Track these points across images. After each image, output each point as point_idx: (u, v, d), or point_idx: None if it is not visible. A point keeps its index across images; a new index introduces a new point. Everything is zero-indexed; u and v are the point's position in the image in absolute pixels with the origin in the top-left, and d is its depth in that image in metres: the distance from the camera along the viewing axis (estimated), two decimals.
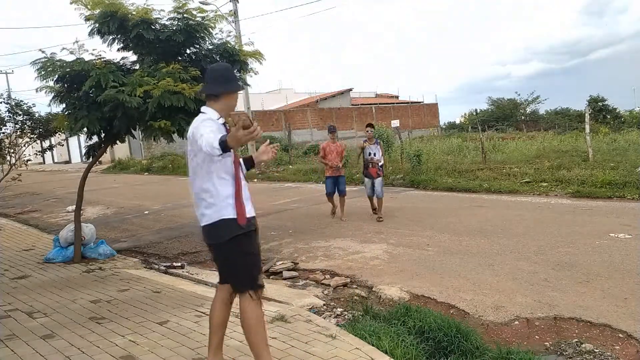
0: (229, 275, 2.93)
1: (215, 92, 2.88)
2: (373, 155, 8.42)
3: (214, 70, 2.99)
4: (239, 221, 2.80)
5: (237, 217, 2.80)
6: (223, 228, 2.81)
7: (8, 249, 7.54)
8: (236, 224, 2.80)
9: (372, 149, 8.45)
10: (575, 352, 3.59)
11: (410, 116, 40.14)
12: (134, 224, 9.87)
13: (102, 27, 5.97)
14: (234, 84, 2.95)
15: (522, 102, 43.24)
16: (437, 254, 6.08)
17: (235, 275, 2.89)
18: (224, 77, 2.91)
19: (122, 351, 3.50)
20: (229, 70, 3.02)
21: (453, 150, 18.56)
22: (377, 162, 8.39)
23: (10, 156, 7.68)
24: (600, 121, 29.75)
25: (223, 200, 2.81)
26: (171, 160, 23.02)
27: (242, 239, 2.83)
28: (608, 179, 9.91)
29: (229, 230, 2.80)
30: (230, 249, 2.83)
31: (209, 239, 2.91)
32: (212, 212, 2.82)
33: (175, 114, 5.76)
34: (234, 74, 3.04)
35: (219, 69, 3.01)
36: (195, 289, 5.20)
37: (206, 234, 2.92)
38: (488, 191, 10.78)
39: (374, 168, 8.38)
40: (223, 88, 2.88)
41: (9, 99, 7.63)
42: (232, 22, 19.15)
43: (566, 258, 5.55)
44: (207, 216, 2.85)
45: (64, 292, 5.10)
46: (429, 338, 3.68)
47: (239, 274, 2.88)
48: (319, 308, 4.54)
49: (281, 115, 32.99)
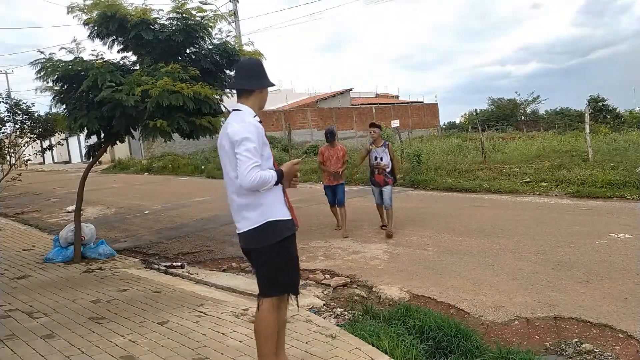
0: (267, 279, 2.77)
1: (249, 88, 2.78)
2: (380, 160, 7.31)
3: (248, 64, 2.88)
4: (287, 224, 2.74)
5: (285, 219, 2.73)
6: (270, 231, 2.68)
7: (8, 249, 7.54)
8: (284, 225, 2.72)
9: (379, 153, 7.33)
10: (575, 352, 3.58)
11: (410, 116, 40.13)
12: (134, 224, 9.87)
13: (101, 29, 5.97)
14: (268, 79, 2.85)
15: (522, 102, 43.20)
16: (437, 254, 6.08)
17: (275, 279, 2.75)
18: (259, 72, 2.81)
19: (122, 351, 3.49)
20: (262, 65, 2.90)
21: (453, 150, 18.55)
22: (384, 168, 7.28)
23: (10, 156, 7.67)
24: (600, 121, 29.73)
25: (271, 202, 2.69)
26: (171, 160, 23.02)
27: (288, 242, 2.74)
28: (608, 179, 9.90)
29: (277, 233, 2.70)
30: (277, 252, 2.71)
31: (254, 243, 2.74)
32: (257, 215, 2.68)
33: (174, 113, 5.76)
34: (265, 70, 2.92)
35: (253, 63, 2.90)
36: (195, 289, 5.21)
37: (249, 238, 2.74)
38: (488, 191, 10.77)
39: (381, 175, 7.29)
40: (258, 83, 2.79)
41: (8, 98, 7.62)
42: (232, 22, 19.17)
43: (566, 258, 5.55)
44: (251, 219, 2.69)
45: (64, 292, 5.10)
46: (429, 338, 3.68)
47: (281, 278, 2.76)
48: (319, 308, 4.55)
49: (281, 115, 32.99)
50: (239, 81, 2.84)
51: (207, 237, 8.15)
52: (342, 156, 7.59)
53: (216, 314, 4.26)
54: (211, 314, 4.27)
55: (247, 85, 2.79)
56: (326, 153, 7.64)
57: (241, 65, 2.93)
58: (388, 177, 7.31)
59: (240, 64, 2.98)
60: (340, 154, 7.58)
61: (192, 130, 6.14)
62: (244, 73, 2.82)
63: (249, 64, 2.89)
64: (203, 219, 9.79)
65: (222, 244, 7.57)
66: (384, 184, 7.30)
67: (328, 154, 7.61)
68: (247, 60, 3.03)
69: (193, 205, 11.80)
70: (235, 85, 2.88)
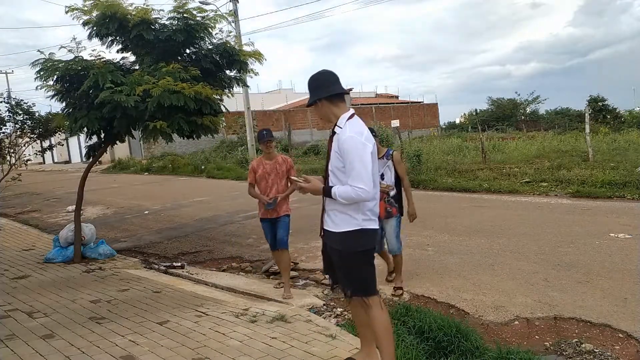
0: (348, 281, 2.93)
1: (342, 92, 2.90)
2: (380, 180, 4.32)
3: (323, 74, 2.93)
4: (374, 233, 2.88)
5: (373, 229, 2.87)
6: (363, 238, 2.83)
7: (8, 249, 7.55)
8: (373, 235, 2.87)
9: (379, 167, 4.51)
10: (575, 352, 3.58)
11: (410, 116, 40.16)
12: (134, 224, 9.87)
13: (100, 29, 5.97)
14: None
15: (522, 102, 43.23)
16: (437, 254, 6.08)
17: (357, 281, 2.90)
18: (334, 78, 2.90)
19: (122, 351, 3.50)
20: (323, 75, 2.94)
21: (453, 150, 18.56)
22: (385, 191, 4.61)
23: (10, 156, 7.68)
24: (600, 121, 29.70)
25: (363, 210, 2.82)
26: (171, 160, 23.01)
27: (371, 251, 2.91)
28: (608, 179, 9.91)
29: (367, 241, 2.85)
30: (360, 259, 2.85)
31: (341, 245, 2.86)
32: (351, 219, 2.81)
33: (174, 113, 5.75)
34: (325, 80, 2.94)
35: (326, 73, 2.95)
36: (195, 289, 5.21)
37: (340, 239, 2.85)
38: (488, 191, 10.77)
39: (381, 201, 4.29)
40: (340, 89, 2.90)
41: (9, 98, 7.64)
42: (232, 22, 19.17)
43: (566, 258, 5.55)
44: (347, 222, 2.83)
45: (64, 292, 5.10)
46: (429, 338, 3.68)
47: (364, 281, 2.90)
48: (319, 308, 4.55)
49: (281, 115, 33.00)
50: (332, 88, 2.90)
51: (207, 237, 8.15)
52: (287, 171, 4.97)
53: (216, 314, 4.26)
54: (211, 314, 4.27)
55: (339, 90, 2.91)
56: (260, 169, 4.97)
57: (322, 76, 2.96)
58: (392, 204, 4.78)
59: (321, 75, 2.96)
60: (282, 168, 4.96)
61: (193, 130, 6.14)
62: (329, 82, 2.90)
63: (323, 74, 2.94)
64: (203, 219, 9.79)
65: (222, 244, 7.57)
66: (385, 215, 4.73)
67: (263, 171, 4.96)
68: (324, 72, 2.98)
69: (193, 205, 11.79)
70: (334, 91, 2.91)
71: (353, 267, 2.86)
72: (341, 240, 2.83)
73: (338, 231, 2.84)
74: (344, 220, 2.82)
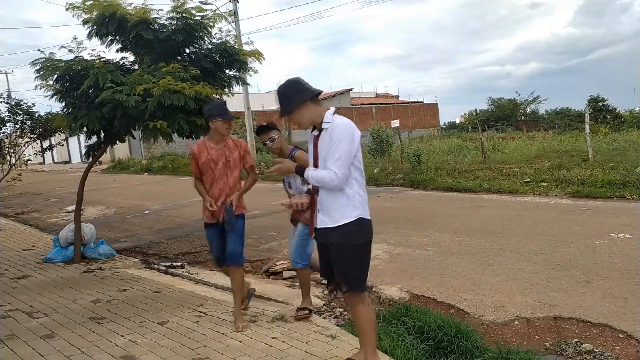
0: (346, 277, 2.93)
1: None
2: (287, 187, 4.19)
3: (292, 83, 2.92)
4: None
5: None
6: (363, 229, 2.86)
7: (8, 249, 7.55)
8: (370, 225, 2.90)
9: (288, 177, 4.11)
10: (575, 352, 3.58)
11: (410, 116, 40.18)
12: (134, 224, 9.87)
13: (100, 29, 5.97)
14: None
15: (522, 102, 43.25)
16: (437, 254, 6.08)
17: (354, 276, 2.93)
18: None
19: (122, 351, 3.50)
20: None
21: (453, 150, 18.56)
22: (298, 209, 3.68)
23: (10, 156, 7.68)
24: (600, 121, 29.74)
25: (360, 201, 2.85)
26: (171, 160, 23.02)
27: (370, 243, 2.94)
28: (608, 179, 9.91)
29: (367, 232, 2.89)
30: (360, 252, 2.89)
31: (344, 239, 2.84)
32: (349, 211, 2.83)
33: (175, 113, 5.75)
34: None
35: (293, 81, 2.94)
36: (195, 289, 5.21)
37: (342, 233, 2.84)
38: (488, 191, 10.77)
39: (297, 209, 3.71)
40: None
41: (9, 98, 7.64)
42: (232, 22, 19.17)
43: (566, 258, 5.54)
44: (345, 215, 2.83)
45: (64, 292, 5.10)
46: (429, 338, 3.68)
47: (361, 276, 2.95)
48: (319, 308, 4.54)
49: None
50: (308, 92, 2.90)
51: None
52: (241, 159, 3.92)
53: (216, 314, 4.26)
54: (211, 314, 4.27)
55: None
56: (203, 156, 3.83)
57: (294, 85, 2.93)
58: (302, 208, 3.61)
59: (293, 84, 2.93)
60: (235, 154, 3.87)
61: (193, 130, 6.14)
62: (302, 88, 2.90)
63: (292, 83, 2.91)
64: None
65: None
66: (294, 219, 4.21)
67: (207, 158, 3.82)
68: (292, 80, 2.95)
69: (193, 205, 11.77)
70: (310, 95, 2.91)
71: (353, 259, 2.88)
72: (343, 234, 2.84)
73: (337, 225, 2.85)
74: (342, 214, 2.84)
